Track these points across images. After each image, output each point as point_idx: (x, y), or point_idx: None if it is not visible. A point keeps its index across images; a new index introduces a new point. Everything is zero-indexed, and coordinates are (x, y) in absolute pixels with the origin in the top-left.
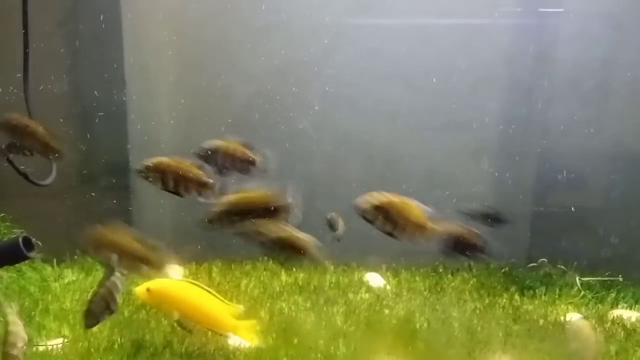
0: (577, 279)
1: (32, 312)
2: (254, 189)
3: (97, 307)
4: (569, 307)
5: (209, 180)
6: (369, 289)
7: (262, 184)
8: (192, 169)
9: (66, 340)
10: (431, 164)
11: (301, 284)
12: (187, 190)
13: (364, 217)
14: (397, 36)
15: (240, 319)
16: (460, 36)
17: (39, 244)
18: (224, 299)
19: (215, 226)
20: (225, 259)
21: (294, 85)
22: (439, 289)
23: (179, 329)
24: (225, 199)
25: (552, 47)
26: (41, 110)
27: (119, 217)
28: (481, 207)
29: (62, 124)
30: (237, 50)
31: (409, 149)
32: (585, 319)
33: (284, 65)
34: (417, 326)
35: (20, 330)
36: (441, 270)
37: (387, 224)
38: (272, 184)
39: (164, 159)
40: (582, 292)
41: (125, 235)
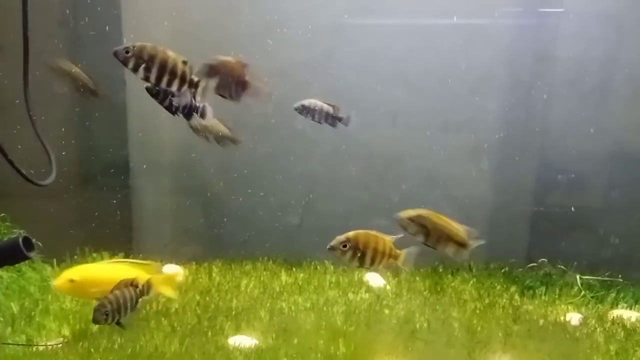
0: (577, 277)
1: (32, 312)
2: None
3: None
4: (569, 307)
5: (195, 77)
6: (369, 289)
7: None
8: (179, 62)
9: (66, 340)
10: (431, 164)
11: (301, 284)
12: (169, 83)
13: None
14: (397, 36)
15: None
16: (460, 36)
17: (39, 244)
18: (141, 261)
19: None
20: (225, 259)
21: (294, 85)
22: (439, 289)
23: None
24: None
25: (552, 47)
26: (41, 110)
27: (119, 217)
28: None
29: (62, 123)
30: (237, 50)
31: (409, 149)
32: None
33: (284, 65)
34: (417, 326)
35: None
36: (441, 270)
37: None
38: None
39: (149, 45)
40: (582, 292)
41: None
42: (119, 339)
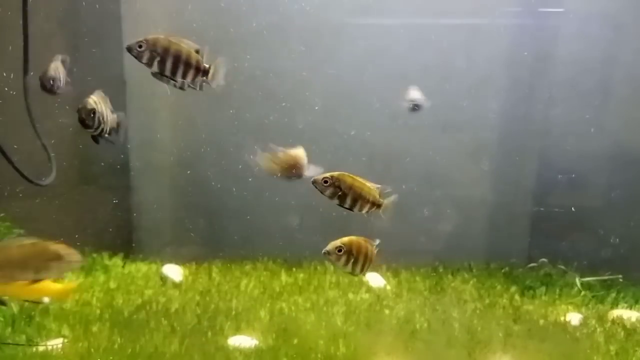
0: (577, 279)
1: (32, 312)
2: None
3: None
4: (569, 307)
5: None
6: (369, 289)
7: None
8: (193, 52)
9: (66, 340)
10: (431, 164)
11: (301, 284)
12: (185, 74)
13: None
14: (397, 36)
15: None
16: (460, 36)
17: None
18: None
19: None
20: (225, 259)
21: (294, 85)
22: (439, 289)
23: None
24: None
25: (552, 47)
26: (41, 110)
27: (119, 217)
28: None
29: (62, 123)
30: (237, 50)
31: (409, 149)
32: None
33: (284, 65)
34: (417, 326)
35: None
36: (441, 270)
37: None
38: None
39: (162, 37)
40: (582, 292)
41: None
42: (119, 339)
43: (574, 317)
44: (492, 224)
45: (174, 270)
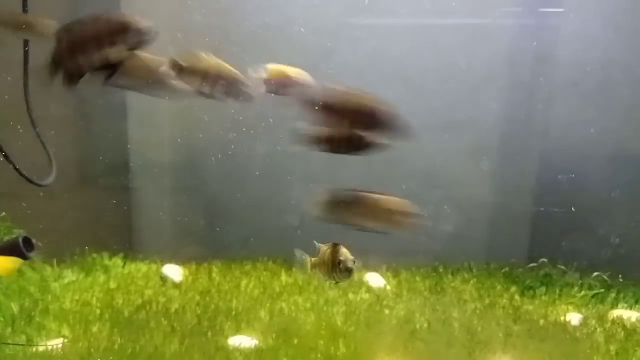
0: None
1: (32, 312)
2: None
3: None
4: (569, 307)
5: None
6: (369, 289)
7: None
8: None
9: (66, 340)
10: (431, 164)
11: (301, 284)
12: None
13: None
14: (397, 36)
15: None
16: (460, 36)
17: (39, 244)
18: None
19: None
20: (225, 259)
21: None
22: (439, 289)
23: None
24: None
25: (552, 47)
26: (41, 110)
27: (119, 217)
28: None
29: (62, 123)
30: (237, 50)
31: (409, 149)
32: None
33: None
34: (417, 326)
35: None
36: (441, 270)
37: None
38: None
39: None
40: (582, 292)
41: None
42: (119, 339)
43: (574, 317)
44: (492, 224)
45: (174, 270)
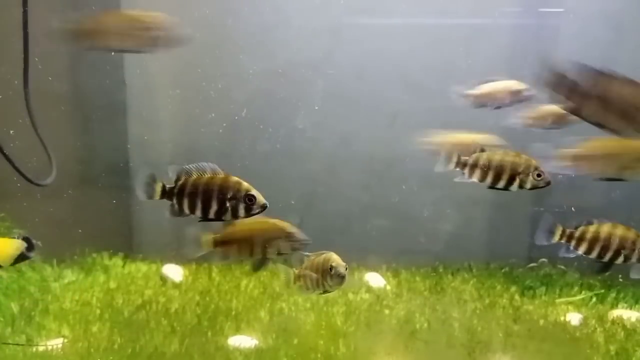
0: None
1: (32, 312)
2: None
3: None
4: (569, 307)
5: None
6: (369, 289)
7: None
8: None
9: (66, 340)
10: (431, 164)
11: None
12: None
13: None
14: (397, 36)
15: None
16: (460, 36)
17: (39, 244)
18: None
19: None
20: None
21: (294, 85)
22: (439, 289)
23: None
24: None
25: (552, 47)
26: (41, 110)
27: (119, 217)
28: None
29: (62, 124)
30: (237, 50)
31: (409, 149)
32: None
33: (284, 65)
34: (417, 326)
35: None
36: (441, 270)
37: None
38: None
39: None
40: (583, 292)
41: None
42: (119, 339)
43: (574, 317)
44: (492, 224)
45: (174, 270)
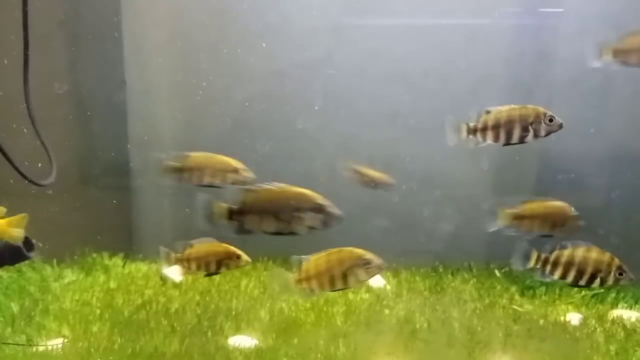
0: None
1: (32, 312)
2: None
3: None
4: (569, 307)
5: None
6: (369, 289)
7: None
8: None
9: (66, 340)
10: (431, 164)
11: None
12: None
13: None
14: (397, 36)
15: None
16: (460, 36)
17: (39, 244)
18: None
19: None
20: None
21: (294, 85)
22: (439, 289)
23: None
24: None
25: (552, 47)
26: (41, 110)
27: (119, 217)
28: None
29: (62, 124)
30: (237, 50)
31: (409, 149)
32: None
33: (284, 65)
34: (417, 326)
35: None
36: (441, 270)
37: None
38: None
39: None
40: (582, 292)
41: None
42: (119, 339)
43: (574, 317)
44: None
45: (174, 270)
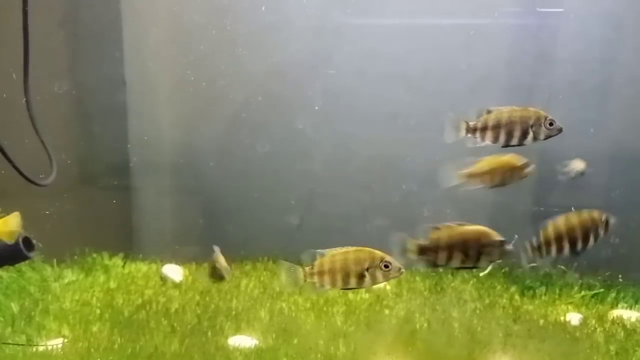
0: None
1: (32, 312)
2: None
3: None
4: (569, 307)
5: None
6: (369, 289)
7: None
8: None
9: (66, 340)
10: (431, 164)
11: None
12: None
13: None
14: (397, 36)
15: None
16: (460, 36)
17: (39, 244)
18: None
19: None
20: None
21: (294, 85)
22: (439, 289)
23: None
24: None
25: (552, 47)
26: (41, 110)
27: (119, 217)
28: None
29: (62, 124)
30: (237, 50)
31: (409, 149)
32: None
33: (284, 65)
34: (417, 326)
35: None
36: (441, 270)
37: None
38: None
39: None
40: (582, 292)
41: None
42: (119, 339)
43: (574, 317)
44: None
45: (174, 270)
